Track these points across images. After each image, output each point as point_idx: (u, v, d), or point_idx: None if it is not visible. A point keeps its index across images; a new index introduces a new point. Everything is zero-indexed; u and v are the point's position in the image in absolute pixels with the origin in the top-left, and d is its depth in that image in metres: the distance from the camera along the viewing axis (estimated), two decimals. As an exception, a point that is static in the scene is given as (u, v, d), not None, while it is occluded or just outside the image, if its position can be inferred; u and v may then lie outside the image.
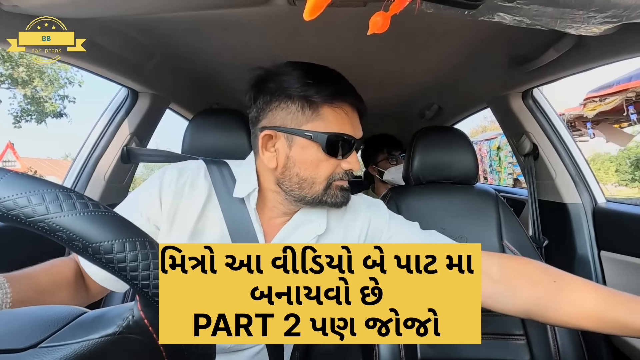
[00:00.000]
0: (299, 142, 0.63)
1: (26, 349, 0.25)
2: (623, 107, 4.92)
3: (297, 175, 0.64)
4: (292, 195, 0.67)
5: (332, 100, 0.63)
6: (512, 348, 0.92)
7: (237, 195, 0.68)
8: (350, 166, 0.66)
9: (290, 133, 0.63)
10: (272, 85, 0.65)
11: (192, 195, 0.67)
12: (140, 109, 1.24)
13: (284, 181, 0.66)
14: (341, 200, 0.68)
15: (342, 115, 0.65)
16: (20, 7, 0.64)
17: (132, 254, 0.27)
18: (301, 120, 0.63)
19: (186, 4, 0.71)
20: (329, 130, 0.62)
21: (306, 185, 0.65)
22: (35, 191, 0.26)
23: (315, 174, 0.64)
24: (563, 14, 0.59)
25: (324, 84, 0.63)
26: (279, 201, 0.70)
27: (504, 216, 1.08)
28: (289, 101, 0.63)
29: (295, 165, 0.64)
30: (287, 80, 0.64)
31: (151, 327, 0.28)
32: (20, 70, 9.09)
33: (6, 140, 13.98)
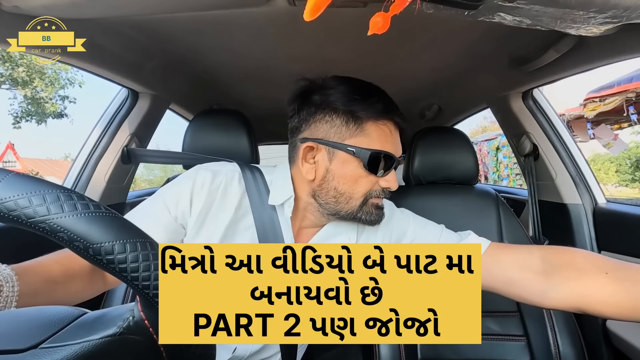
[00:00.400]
0: (341, 156, 0.63)
1: (27, 349, 0.25)
2: (623, 108, 4.92)
3: (335, 189, 0.64)
4: (326, 209, 0.66)
5: (377, 117, 0.64)
6: (512, 348, 0.92)
7: (272, 202, 0.67)
8: (389, 184, 0.66)
9: (333, 147, 0.63)
10: (318, 98, 0.65)
11: (224, 200, 0.66)
12: (140, 109, 1.24)
13: (320, 193, 0.66)
14: (375, 218, 0.67)
15: (386, 133, 0.65)
16: (21, 7, 0.64)
17: (132, 255, 0.27)
18: (345, 135, 0.63)
19: (187, 4, 0.71)
20: (372, 147, 0.62)
21: (343, 199, 0.65)
22: (36, 192, 0.26)
23: (353, 190, 0.64)
24: (563, 14, 0.59)
25: (370, 101, 0.63)
26: (312, 212, 0.69)
27: (504, 217, 1.08)
28: (334, 114, 0.64)
29: (334, 179, 0.64)
30: (333, 94, 0.64)
31: (151, 327, 0.28)
32: (21, 71, 9.08)
33: (6, 141, 14.01)
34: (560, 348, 0.87)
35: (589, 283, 0.55)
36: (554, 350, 0.88)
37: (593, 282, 0.55)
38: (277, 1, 0.68)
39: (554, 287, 0.58)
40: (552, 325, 0.90)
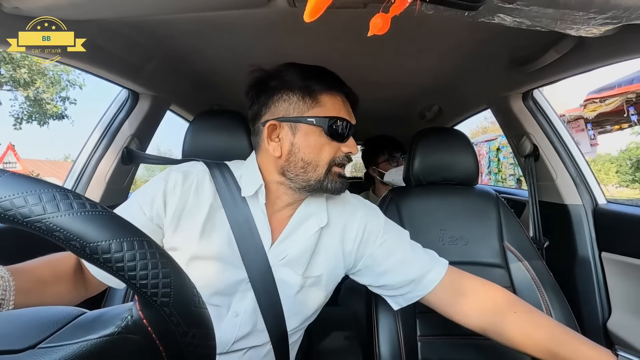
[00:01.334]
0: (303, 128, 0.68)
1: (25, 349, 0.25)
2: (623, 108, 4.92)
3: (302, 160, 0.69)
4: (297, 182, 0.70)
5: (329, 89, 0.70)
6: (512, 351, 0.91)
7: (245, 194, 0.71)
8: (350, 149, 0.72)
9: (294, 121, 0.68)
10: (274, 83, 0.71)
11: (198, 199, 0.69)
12: (140, 110, 1.24)
13: (289, 167, 0.70)
14: (339, 186, 0.72)
15: (339, 102, 0.71)
16: (21, 8, 0.65)
17: (129, 254, 0.27)
18: (303, 109, 0.69)
19: (187, 5, 0.71)
20: (329, 114, 0.69)
21: (310, 168, 0.69)
22: (32, 191, 0.26)
23: (319, 157, 0.69)
24: (563, 15, 0.59)
25: (321, 76, 0.71)
26: (283, 191, 0.73)
27: (505, 217, 1.08)
28: (290, 92, 0.69)
29: (300, 150, 0.69)
30: (287, 75, 0.70)
31: (150, 327, 0.28)
32: (23, 72, 9.11)
33: (7, 142, 14.01)
34: (561, 349, 0.87)
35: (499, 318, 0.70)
36: (555, 351, 0.87)
37: (503, 318, 0.70)
38: (278, 2, 0.68)
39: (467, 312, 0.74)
40: (553, 326, 0.90)
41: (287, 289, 0.72)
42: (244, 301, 0.69)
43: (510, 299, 0.73)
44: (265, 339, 0.71)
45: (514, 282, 0.98)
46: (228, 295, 0.69)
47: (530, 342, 0.66)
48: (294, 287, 0.72)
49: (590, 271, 1.17)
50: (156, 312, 0.28)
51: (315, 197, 0.76)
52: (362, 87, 1.54)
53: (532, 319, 0.68)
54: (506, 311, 0.70)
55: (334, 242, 0.77)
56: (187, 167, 0.73)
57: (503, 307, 0.71)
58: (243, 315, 0.69)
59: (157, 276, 0.28)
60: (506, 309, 0.70)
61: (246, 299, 0.69)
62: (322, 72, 0.72)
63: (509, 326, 0.69)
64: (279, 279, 0.70)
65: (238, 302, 0.70)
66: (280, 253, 0.72)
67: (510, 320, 0.69)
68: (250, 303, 0.69)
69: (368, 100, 1.74)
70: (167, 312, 0.28)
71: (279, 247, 0.72)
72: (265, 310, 0.69)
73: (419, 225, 1.07)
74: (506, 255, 1.02)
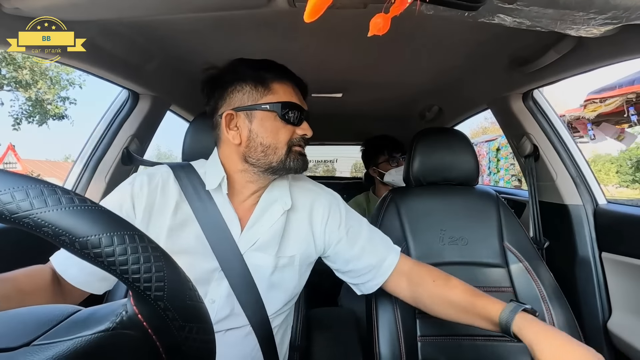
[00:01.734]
0: (258, 115, 0.73)
1: (19, 347, 0.25)
2: (623, 109, 4.92)
3: (261, 144, 0.73)
4: (260, 166, 0.74)
5: (280, 77, 0.75)
6: (513, 350, 0.91)
7: (209, 187, 0.75)
8: (304, 132, 0.77)
9: (249, 109, 0.73)
10: (227, 77, 0.76)
11: (164, 198, 0.74)
12: (140, 110, 1.24)
13: (250, 153, 0.74)
14: (301, 164, 0.77)
15: (290, 89, 0.76)
16: (22, 9, 0.65)
17: (120, 248, 0.27)
18: (256, 97, 0.73)
19: (187, 6, 0.71)
20: (281, 100, 0.74)
21: (270, 151, 0.73)
22: (18, 187, 0.26)
23: (277, 140, 0.74)
24: (563, 15, 0.59)
25: (271, 66, 0.76)
26: (248, 179, 0.77)
27: (505, 217, 1.08)
28: (243, 83, 0.74)
29: (258, 135, 0.73)
30: (240, 68, 0.75)
31: (145, 322, 0.28)
32: (24, 73, 9.13)
33: (7, 142, 14.01)
34: (561, 349, 0.87)
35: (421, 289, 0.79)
36: (555, 351, 0.87)
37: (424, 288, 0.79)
38: (278, 2, 0.68)
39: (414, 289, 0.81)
40: (553, 327, 0.90)
41: (261, 272, 0.75)
42: (219, 288, 0.73)
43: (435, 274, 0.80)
44: (244, 321, 0.74)
45: (514, 283, 0.98)
46: (204, 285, 0.72)
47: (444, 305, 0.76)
48: (267, 269, 0.76)
49: (590, 271, 1.16)
50: (151, 306, 0.28)
51: (278, 184, 0.81)
52: (362, 87, 1.55)
53: (447, 283, 0.77)
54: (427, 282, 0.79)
55: (303, 225, 0.81)
56: (151, 170, 0.78)
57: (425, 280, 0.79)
58: (219, 301, 0.73)
59: (149, 270, 0.27)
60: (428, 280, 0.79)
61: (221, 286, 0.73)
62: (272, 63, 0.77)
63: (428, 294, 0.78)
64: (252, 264, 0.74)
65: (214, 290, 0.73)
66: (250, 239, 0.75)
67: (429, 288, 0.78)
68: (225, 290, 0.73)
69: (368, 100, 1.75)
70: (162, 307, 0.28)
71: (248, 234, 0.76)
72: (240, 295, 0.73)
73: (419, 226, 1.07)
74: (506, 256, 1.02)
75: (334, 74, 1.31)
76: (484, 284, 0.99)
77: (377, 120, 2.12)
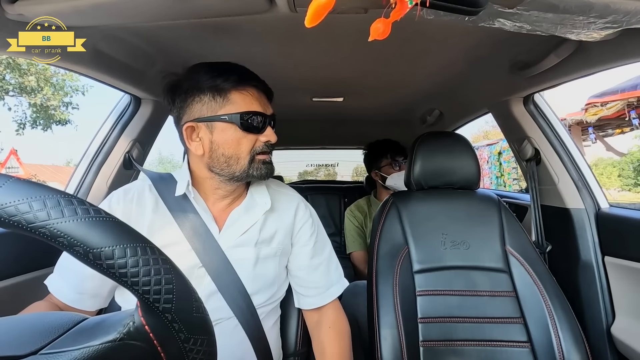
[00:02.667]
0: (218, 126, 0.73)
1: (26, 355, 0.25)
2: (625, 112, 4.91)
3: (223, 155, 0.74)
4: (224, 175, 0.76)
5: (237, 85, 0.74)
6: (516, 355, 0.91)
7: (178, 193, 0.77)
8: (268, 138, 0.77)
9: (208, 120, 0.73)
10: (185, 85, 0.75)
11: (140, 208, 0.77)
12: (142, 115, 1.24)
13: (213, 164, 0.75)
14: (265, 172, 0.78)
15: (249, 97, 0.75)
16: (25, 15, 0.65)
17: (133, 260, 0.27)
18: (215, 108, 0.73)
19: (189, 12, 0.71)
20: (240, 110, 0.73)
21: (233, 162, 0.75)
22: (36, 197, 0.26)
23: (239, 150, 0.74)
24: (563, 19, 0.59)
25: (228, 74, 0.73)
26: (216, 186, 0.79)
27: (507, 221, 1.08)
28: (201, 94, 0.73)
29: (219, 147, 0.74)
30: (196, 77, 0.74)
31: (152, 333, 0.28)
32: (30, 79, 9.24)
33: (10, 147, 14.07)
34: (565, 354, 0.86)
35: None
36: (559, 356, 0.87)
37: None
38: (279, 8, 0.69)
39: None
40: (557, 331, 0.89)
41: (244, 266, 0.78)
42: (201, 284, 0.74)
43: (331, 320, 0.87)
44: (230, 314, 0.76)
45: (517, 287, 0.98)
46: None
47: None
48: (250, 262, 0.79)
49: (593, 276, 1.16)
50: (158, 318, 0.28)
51: (257, 189, 0.85)
52: (363, 91, 1.56)
53: (329, 337, 0.84)
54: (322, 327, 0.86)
55: (283, 221, 0.85)
56: (127, 186, 0.82)
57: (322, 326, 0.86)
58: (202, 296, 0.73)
59: (159, 282, 0.28)
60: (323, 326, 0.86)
61: (204, 281, 0.74)
62: (230, 69, 0.75)
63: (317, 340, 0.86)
64: (235, 259, 0.77)
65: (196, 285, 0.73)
66: (230, 237, 0.78)
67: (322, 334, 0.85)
68: (207, 285, 0.74)
69: (368, 104, 1.75)
70: (169, 319, 0.28)
71: (228, 232, 0.78)
72: (224, 289, 0.75)
73: (421, 230, 1.07)
74: (508, 260, 1.02)
75: (335, 79, 1.31)
76: (486, 288, 0.99)
77: (378, 125, 2.12)
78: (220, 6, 0.69)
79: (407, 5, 0.45)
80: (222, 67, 0.75)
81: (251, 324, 0.77)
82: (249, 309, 0.77)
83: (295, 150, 3.05)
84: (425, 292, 0.99)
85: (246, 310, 0.76)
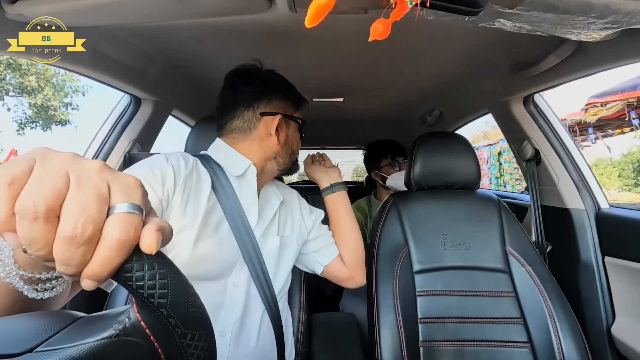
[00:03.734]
0: (292, 125, 0.89)
1: (22, 353, 0.25)
2: (625, 112, 4.92)
3: (291, 149, 0.89)
4: (281, 164, 0.87)
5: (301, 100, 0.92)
6: (516, 355, 0.91)
7: (235, 173, 0.80)
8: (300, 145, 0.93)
9: (291, 118, 0.87)
10: (275, 80, 0.87)
11: (199, 182, 0.75)
12: (142, 115, 1.24)
13: (282, 154, 0.86)
14: (296, 169, 0.96)
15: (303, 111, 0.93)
16: (25, 15, 0.65)
17: None
18: (293, 110, 0.88)
19: (189, 12, 0.71)
20: (304, 118, 0.91)
21: (293, 156, 0.91)
22: None
23: (298, 149, 0.92)
24: (563, 20, 0.59)
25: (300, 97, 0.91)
26: (268, 173, 0.88)
27: (507, 222, 1.08)
28: (286, 93, 0.87)
29: (292, 142, 0.89)
30: (281, 80, 0.89)
31: (148, 329, 0.28)
32: (31, 80, 9.25)
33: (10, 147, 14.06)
34: (565, 354, 0.86)
35: None
36: (559, 356, 0.87)
37: None
38: (279, 8, 0.69)
39: None
40: (557, 332, 0.89)
41: (270, 255, 0.82)
42: (241, 273, 0.77)
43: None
44: (260, 303, 0.79)
45: (517, 287, 0.98)
46: (227, 268, 0.76)
47: None
48: (274, 251, 0.84)
49: (593, 276, 1.16)
50: (153, 313, 0.28)
51: (268, 184, 0.94)
52: (363, 91, 1.56)
53: None
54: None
55: (294, 213, 0.95)
56: (180, 154, 0.77)
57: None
58: (242, 286, 0.77)
59: (153, 277, 0.27)
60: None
61: (242, 270, 0.77)
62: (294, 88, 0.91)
63: None
64: (264, 248, 0.81)
65: (236, 274, 0.77)
66: (260, 227, 0.83)
67: None
68: (245, 274, 0.77)
69: (369, 104, 1.75)
70: (165, 314, 0.28)
71: (260, 223, 0.83)
72: (256, 278, 0.78)
73: (421, 230, 1.07)
74: (508, 260, 1.02)
75: (335, 79, 1.31)
76: (486, 288, 0.99)
77: (378, 125, 2.12)
78: (220, 6, 0.69)
79: (407, 6, 0.45)
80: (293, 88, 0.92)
81: (274, 312, 0.81)
82: (272, 297, 0.81)
83: (295, 150, 3.04)
84: (425, 292, 0.99)
85: (270, 299, 0.80)
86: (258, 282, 0.78)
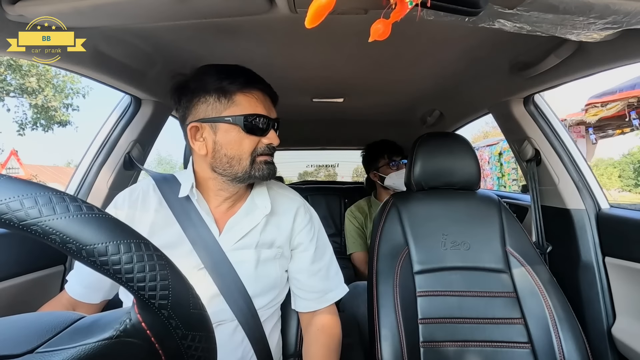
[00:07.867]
0: (222, 127, 0.75)
1: (23, 354, 0.25)
2: (625, 113, 4.92)
3: (225, 156, 0.75)
4: (227, 175, 0.77)
5: (243, 88, 0.75)
6: (516, 356, 0.90)
7: (182, 194, 0.78)
8: (270, 141, 0.78)
9: (213, 121, 0.75)
10: (192, 85, 0.77)
11: (144, 206, 0.79)
12: (142, 116, 1.24)
13: (216, 164, 0.77)
14: (267, 172, 0.79)
15: (254, 100, 0.76)
16: (26, 16, 0.65)
17: (127, 256, 0.27)
18: (220, 109, 0.75)
19: (189, 12, 0.71)
20: (244, 113, 0.74)
21: (235, 162, 0.76)
22: (28, 194, 0.26)
23: (240, 151, 0.76)
24: (563, 20, 0.59)
25: (235, 76, 0.75)
26: (219, 187, 0.80)
27: (507, 222, 1.08)
28: (207, 95, 0.75)
29: (222, 147, 0.75)
30: (203, 78, 0.76)
31: (149, 330, 0.28)
32: (32, 80, 9.27)
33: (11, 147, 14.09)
34: (565, 355, 0.86)
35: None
36: (559, 357, 0.86)
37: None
38: (279, 8, 0.69)
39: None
40: (557, 332, 0.89)
41: (245, 268, 0.78)
42: (202, 284, 0.74)
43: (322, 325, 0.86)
44: (231, 316, 0.76)
45: (517, 288, 0.98)
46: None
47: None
48: (250, 264, 0.79)
49: (594, 276, 1.16)
50: (154, 314, 0.28)
51: (258, 191, 0.86)
52: (363, 92, 1.56)
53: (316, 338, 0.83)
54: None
55: (282, 226, 0.86)
56: (133, 186, 0.84)
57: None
58: (203, 297, 0.73)
59: (154, 278, 0.27)
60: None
61: (205, 282, 0.74)
62: (236, 71, 0.77)
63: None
64: (236, 261, 0.77)
65: (196, 286, 0.75)
66: (231, 239, 0.79)
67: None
68: (208, 286, 0.75)
69: (369, 105, 1.75)
70: (166, 315, 0.28)
71: (228, 235, 0.79)
72: (225, 290, 0.75)
73: (421, 231, 1.07)
74: (509, 261, 1.02)
75: (335, 79, 1.31)
76: (486, 289, 0.99)
77: (378, 125, 2.12)
78: (220, 7, 0.69)
79: (408, 6, 0.45)
80: (228, 69, 0.77)
81: (252, 326, 0.77)
82: (250, 310, 0.77)
83: (296, 151, 3.05)
84: (426, 292, 0.99)
85: (247, 312, 0.77)
86: (228, 294, 0.75)
